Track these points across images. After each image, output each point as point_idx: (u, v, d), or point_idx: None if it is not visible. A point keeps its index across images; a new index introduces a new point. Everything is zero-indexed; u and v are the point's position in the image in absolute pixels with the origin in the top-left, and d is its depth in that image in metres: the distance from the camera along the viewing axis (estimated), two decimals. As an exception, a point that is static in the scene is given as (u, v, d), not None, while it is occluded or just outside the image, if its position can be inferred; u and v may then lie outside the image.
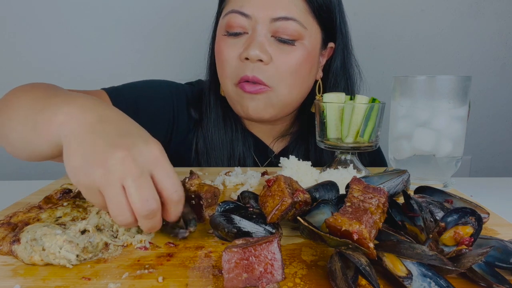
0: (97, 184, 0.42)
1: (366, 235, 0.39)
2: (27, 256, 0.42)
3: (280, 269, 0.37)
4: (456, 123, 0.69)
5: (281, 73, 0.82)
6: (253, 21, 0.81)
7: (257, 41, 0.80)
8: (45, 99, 0.56)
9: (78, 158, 0.44)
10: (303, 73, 0.85)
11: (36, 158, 0.60)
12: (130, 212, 0.42)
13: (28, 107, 0.58)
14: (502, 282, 0.38)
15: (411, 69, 1.55)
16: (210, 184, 0.60)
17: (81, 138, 0.45)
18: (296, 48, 0.82)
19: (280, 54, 0.81)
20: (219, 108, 0.95)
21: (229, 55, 0.83)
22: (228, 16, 0.83)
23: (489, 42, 1.55)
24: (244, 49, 0.81)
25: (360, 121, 0.74)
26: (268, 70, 0.81)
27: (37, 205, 0.55)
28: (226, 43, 0.84)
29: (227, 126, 0.95)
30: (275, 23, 0.80)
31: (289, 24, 0.80)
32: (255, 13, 0.80)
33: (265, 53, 0.80)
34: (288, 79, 0.83)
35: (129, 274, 0.41)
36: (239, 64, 0.82)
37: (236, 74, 0.83)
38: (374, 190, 0.46)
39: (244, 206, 0.54)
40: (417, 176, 0.71)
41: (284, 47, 0.81)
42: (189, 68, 1.45)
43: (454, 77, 0.68)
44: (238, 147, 0.94)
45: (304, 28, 0.81)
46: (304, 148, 0.97)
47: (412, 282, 0.38)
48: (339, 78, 0.93)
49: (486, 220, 0.54)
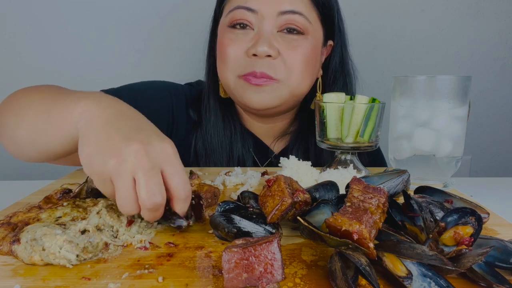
0: (109, 173, 0.44)
1: (366, 235, 0.39)
2: (27, 256, 0.42)
3: (280, 269, 0.37)
4: (456, 123, 0.69)
5: (289, 66, 0.82)
6: (259, 16, 0.81)
7: (265, 37, 0.80)
8: (57, 96, 0.59)
9: (94, 146, 0.46)
10: (310, 66, 0.85)
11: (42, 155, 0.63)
12: (136, 203, 0.44)
13: (38, 104, 0.60)
14: (502, 282, 0.38)
15: (411, 69, 1.54)
16: (210, 184, 0.60)
17: (98, 130, 0.47)
18: (303, 41, 0.83)
19: (287, 48, 0.81)
20: (218, 109, 0.94)
21: (234, 49, 0.83)
22: (233, 13, 0.83)
23: (489, 42, 1.55)
24: (252, 45, 0.81)
25: (360, 121, 0.74)
26: (276, 65, 0.81)
27: (37, 205, 0.55)
28: (230, 38, 0.83)
29: (226, 127, 0.95)
30: (282, 16, 0.80)
31: (296, 17, 0.81)
32: (261, 8, 0.80)
33: (273, 48, 0.80)
34: (296, 72, 0.83)
35: (129, 274, 0.41)
36: (246, 59, 0.82)
37: (243, 68, 0.82)
38: (374, 190, 0.46)
39: (244, 206, 0.54)
40: (417, 176, 0.71)
41: (291, 41, 0.82)
42: (190, 68, 1.45)
43: (454, 77, 0.68)
44: (238, 149, 0.94)
45: (309, 23, 0.82)
46: (303, 147, 0.97)
47: (412, 282, 0.38)
48: (338, 75, 0.94)
49: (486, 220, 0.54)
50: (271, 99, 0.84)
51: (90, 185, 0.58)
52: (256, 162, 0.98)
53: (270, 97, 0.83)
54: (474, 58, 1.56)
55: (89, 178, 0.59)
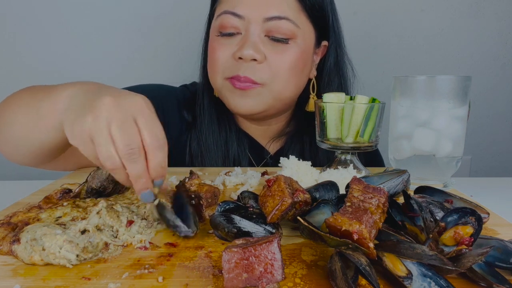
0: (88, 131, 0.46)
1: (366, 235, 0.39)
2: (27, 256, 0.42)
3: (280, 269, 0.37)
4: (456, 123, 0.69)
5: (275, 71, 0.82)
6: (246, 22, 0.81)
7: (251, 41, 0.81)
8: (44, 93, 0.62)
9: (73, 114, 0.50)
10: (297, 72, 0.85)
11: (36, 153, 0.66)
12: (117, 155, 0.46)
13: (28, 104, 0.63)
14: (502, 282, 0.38)
15: (411, 69, 1.54)
16: (210, 184, 0.60)
17: (77, 99, 0.52)
18: (290, 46, 0.82)
19: (274, 53, 0.82)
20: (213, 109, 0.94)
21: (222, 54, 0.84)
22: (221, 17, 0.83)
23: (489, 42, 1.55)
24: (238, 49, 0.81)
25: (360, 121, 0.74)
26: (262, 69, 0.82)
27: (37, 205, 0.55)
28: (219, 43, 0.84)
29: (221, 127, 0.94)
30: (268, 22, 0.80)
31: (282, 23, 0.80)
32: (248, 14, 0.81)
33: (259, 53, 0.80)
34: (282, 77, 0.83)
35: (129, 274, 0.41)
36: (233, 62, 0.83)
37: (229, 71, 0.83)
38: (374, 190, 0.46)
39: (244, 206, 0.54)
40: (417, 176, 0.71)
41: (278, 46, 0.82)
42: (189, 68, 1.45)
43: (454, 77, 0.67)
44: (233, 148, 0.94)
45: (297, 27, 0.82)
46: (299, 148, 0.97)
47: (412, 282, 0.38)
48: (332, 76, 0.93)
49: (486, 220, 0.54)
50: (256, 104, 0.84)
51: (90, 185, 0.58)
52: (251, 162, 0.97)
53: (254, 103, 0.84)
54: (474, 58, 1.56)
55: (89, 178, 0.59)
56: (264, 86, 0.83)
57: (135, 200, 0.59)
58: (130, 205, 0.56)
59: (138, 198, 0.59)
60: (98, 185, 0.58)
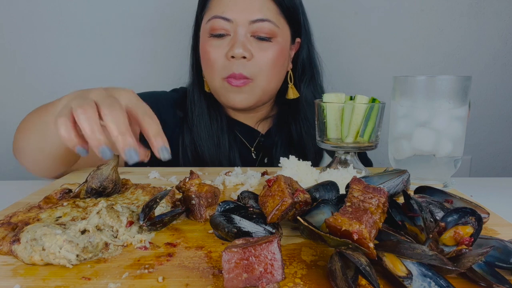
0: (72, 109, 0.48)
1: (366, 235, 0.39)
2: (27, 256, 0.42)
3: (280, 269, 0.37)
4: (456, 123, 0.69)
5: (261, 66, 0.95)
6: (234, 24, 0.94)
7: (240, 41, 0.93)
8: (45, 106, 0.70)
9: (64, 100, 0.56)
10: (279, 66, 0.99)
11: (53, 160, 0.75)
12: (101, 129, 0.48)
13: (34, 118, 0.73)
14: (502, 282, 0.38)
15: (411, 69, 1.54)
16: (210, 184, 0.60)
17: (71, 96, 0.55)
18: (273, 44, 0.96)
19: (260, 51, 0.95)
20: (203, 101, 1.05)
21: (216, 55, 0.95)
22: (212, 21, 0.95)
23: (489, 42, 1.55)
24: (230, 48, 0.93)
25: (360, 121, 0.74)
26: (250, 65, 0.94)
27: (37, 205, 0.55)
28: (211, 45, 0.96)
29: (212, 117, 1.04)
30: (254, 24, 0.93)
31: (265, 25, 0.93)
32: (236, 17, 0.93)
33: (247, 51, 0.93)
34: (267, 71, 0.96)
35: (129, 274, 0.41)
36: (226, 62, 0.94)
37: (225, 71, 0.95)
38: (374, 190, 0.46)
39: (244, 206, 0.54)
40: (417, 176, 0.71)
41: (263, 45, 0.95)
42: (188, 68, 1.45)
43: (454, 77, 0.68)
44: (225, 135, 1.03)
45: (277, 27, 0.95)
46: (285, 127, 1.09)
47: (412, 282, 0.38)
48: (306, 68, 1.07)
49: (486, 220, 0.54)
50: (249, 98, 0.98)
51: (90, 185, 0.58)
52: (244, 143, 1.08)
53: (248, 97, 0.97)
54: (474, 58, 1.56)
55: (89, 178, 0.59)
56: (254, 81, 0.95)
57: (135, 200, 0.59)
58: (130, 205, 0.56)
59: (138, 198, 0.59)
60: (98, 185, 0.58)
